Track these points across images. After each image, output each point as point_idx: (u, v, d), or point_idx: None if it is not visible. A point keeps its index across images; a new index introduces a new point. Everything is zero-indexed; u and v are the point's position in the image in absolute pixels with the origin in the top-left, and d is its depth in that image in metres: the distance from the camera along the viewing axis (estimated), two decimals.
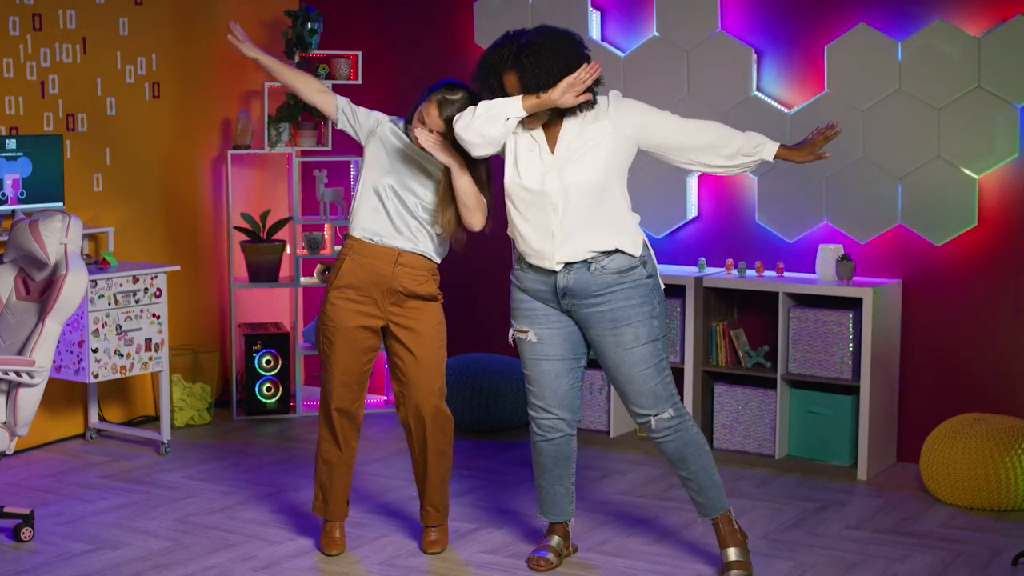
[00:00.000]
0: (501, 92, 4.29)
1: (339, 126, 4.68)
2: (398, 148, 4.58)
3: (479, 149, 4.31)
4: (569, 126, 4.33)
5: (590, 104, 4.31)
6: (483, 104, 4.27)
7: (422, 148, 4.49)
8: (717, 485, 4.47)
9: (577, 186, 4.28)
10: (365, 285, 4.58)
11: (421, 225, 4.59)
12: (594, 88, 4.29)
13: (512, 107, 4.23)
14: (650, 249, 4.43)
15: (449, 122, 4.44)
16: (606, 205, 4.32)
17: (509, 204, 4.42)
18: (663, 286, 4.47)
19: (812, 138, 4.42)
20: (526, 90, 4.22)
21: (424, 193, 4.56)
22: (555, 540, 4.65)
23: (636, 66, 6.30)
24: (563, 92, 4.19)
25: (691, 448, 4.42)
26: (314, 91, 4.66)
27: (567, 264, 4.35)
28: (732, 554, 4.48)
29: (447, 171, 4.51)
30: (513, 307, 4.54)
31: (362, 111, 4.64)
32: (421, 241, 4.60)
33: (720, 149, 4.40)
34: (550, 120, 4.32)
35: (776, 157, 4.42)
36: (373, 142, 4.61)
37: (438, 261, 4.68)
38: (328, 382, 4.66)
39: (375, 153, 4.60)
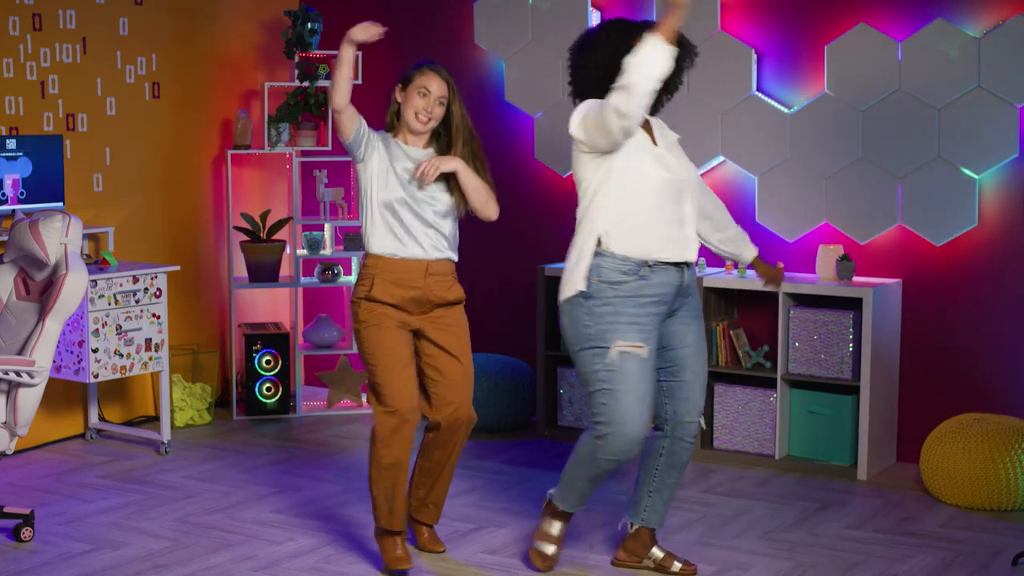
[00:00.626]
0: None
1: (348, 140, 4.51)
2: (398, 160, 4.55)
3: (637, 116, 4.03)
4: (654, 122, 4.38)
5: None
6: (627, 65, 3.98)
7: (420, 182, 4.49)
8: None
9: (691, 177, 4.34)
10: (401, 303, 4.53)
11: (438, 231, 4.57)
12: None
13: (655, 45, 3.96)
14: None
15: (450, 83, 4.48)
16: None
17: (636, 200, 4.19)
18: None
19: (765, 277, 4.61)
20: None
21: (433, 200, 4.55)
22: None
23: None
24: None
25: (686, 461, 4.52)
26: (348, 101, 4.51)
27: None
28: (659, 551, 4.54)
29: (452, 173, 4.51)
30: (620, 322, 4.21)
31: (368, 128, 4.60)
32: (440, 246, 4.58)
33: (718, 227, 4.49)
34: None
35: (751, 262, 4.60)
36: (375, 157, 4.52)
37: (456, 258, 4.66)
38: (389, 383, 4.49)
39: (380, 168, 4.52)
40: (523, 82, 6.64)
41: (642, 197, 4.19)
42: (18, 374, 4.63)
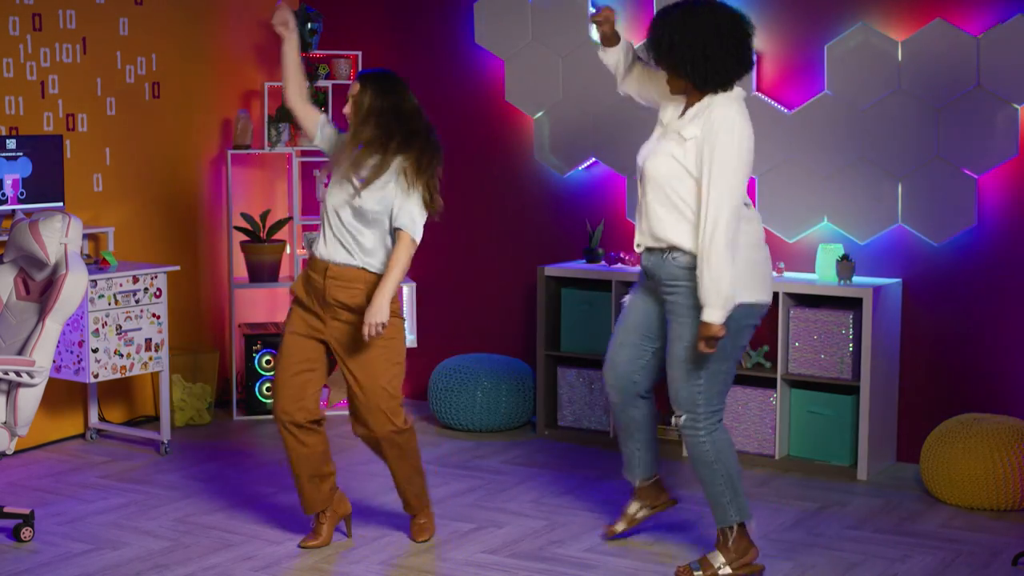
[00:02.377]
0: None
1: (316, 142, 4.72)
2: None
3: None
4: (704, 103, 4.42)
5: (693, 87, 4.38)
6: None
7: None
8: (719, 504, 4.49)
9: (654, 171, 4.42)
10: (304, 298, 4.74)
11: (352, 236, 4.60)
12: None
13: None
14: None
15: (361, 77, 4.62)
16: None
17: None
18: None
19: None
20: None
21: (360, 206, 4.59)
22: (632, 505, 4.85)
23: None
24: None
25: (698, 463, 4.50)
26: (301, 97, 4.72)
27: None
28: (712, 557, 4.51)
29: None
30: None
31: (332, 128, 4.77)
32: (352, 251, 4.60)
33: (700, 252, 4.29)
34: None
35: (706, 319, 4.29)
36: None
37: (372, 268, 4.61)
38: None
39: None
40: (523, 82, 6.64)
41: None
42: (18, 374, 4.62)
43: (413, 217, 4.53)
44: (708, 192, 4.23)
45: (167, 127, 6.79)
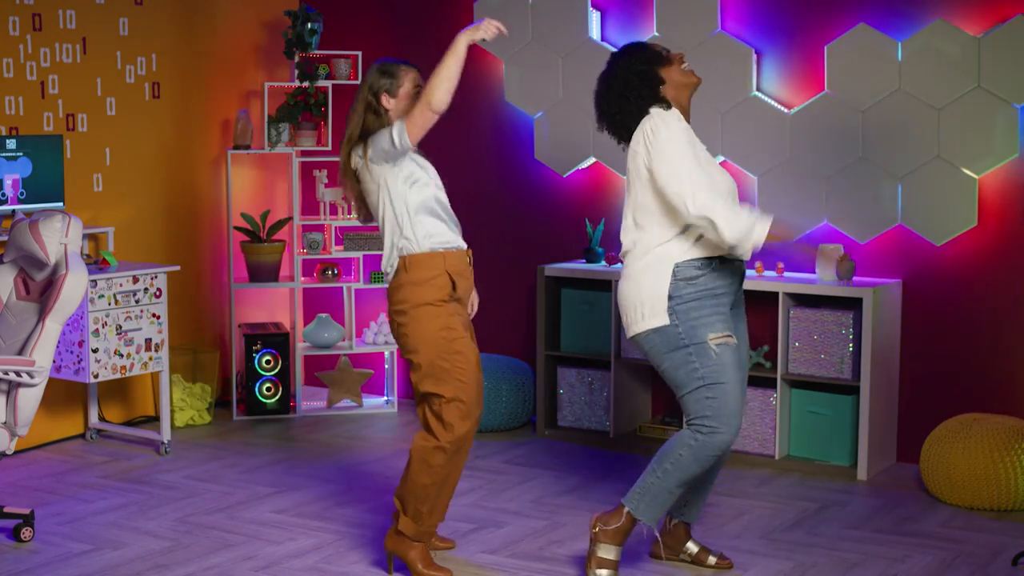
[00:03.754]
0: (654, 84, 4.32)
1: (414, 144, 4.40)
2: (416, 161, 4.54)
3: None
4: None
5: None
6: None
7: None
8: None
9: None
10: (465, 295, 4.53)
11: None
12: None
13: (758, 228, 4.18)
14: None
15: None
16: None
17: (718, 195, 4.22)
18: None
19: None
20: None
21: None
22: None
23: None
24: None
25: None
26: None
27: None
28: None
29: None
30: (705, 316, 4.26)
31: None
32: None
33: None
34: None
35: None
36: (408, 160, 4.45)
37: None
38: (465, 393, 4.39)
39: (410, 169, 4.44)
40: (523, 82, 6.64)
41: (721, 195, 4.36)
42: (18, 374, 4.62)
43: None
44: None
45: (167, 127, 6.79)
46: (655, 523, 4.37)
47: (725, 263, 4.33)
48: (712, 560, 4.60)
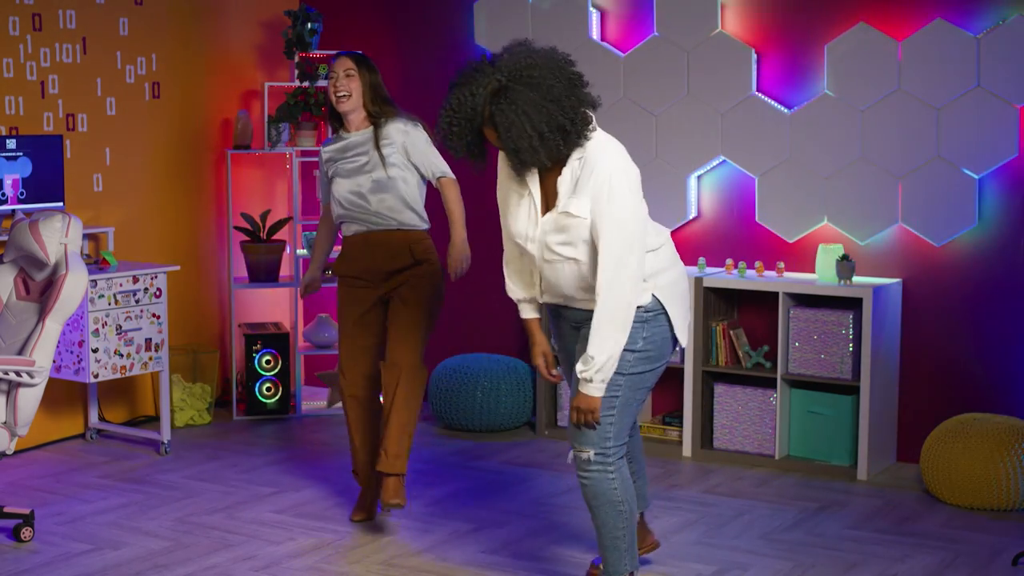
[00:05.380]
0: (479, 144, 3.86)
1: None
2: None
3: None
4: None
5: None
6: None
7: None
8: (616, 550, 4.03)
9: None
10: None
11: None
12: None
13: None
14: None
15: (354, 57, 4.96)
16: None
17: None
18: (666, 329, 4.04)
19: None
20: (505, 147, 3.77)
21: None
22: None
23: (636, 66, 6.30)
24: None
25: (603, 504, 3.99)
26: (329, 234, 5.25)
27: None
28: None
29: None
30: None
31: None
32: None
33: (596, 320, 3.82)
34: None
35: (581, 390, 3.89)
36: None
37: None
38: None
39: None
40: None
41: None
42: (18, 374, 4.63)
43: None
44: (607, 261, 3.77)
45: (167, 127, 6.79)
46: (637, 564, 4.14)
47: None
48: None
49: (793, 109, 6.00)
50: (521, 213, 3.95)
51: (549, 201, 3.91)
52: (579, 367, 3.83)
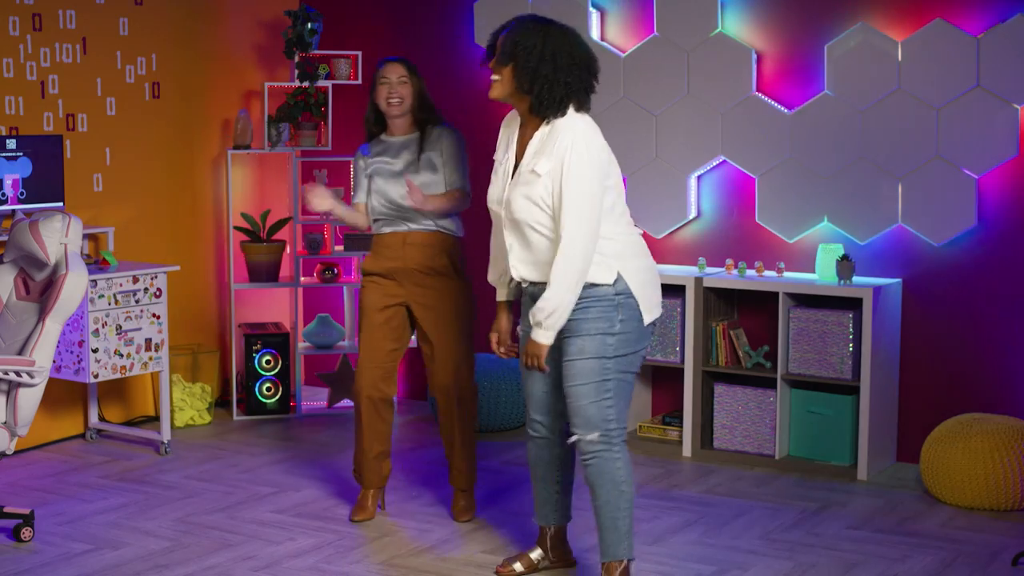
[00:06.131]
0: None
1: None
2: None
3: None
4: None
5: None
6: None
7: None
8: (617, 531, 4.16)
9: None
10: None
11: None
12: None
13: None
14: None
15: (405, 63, 5.03)
16: None
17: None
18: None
19: None
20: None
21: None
22: (536, 551, 4.55)
23: (636, 66, 6.30)
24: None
25: (607, 484, 4.14)
26: (365, 219, 5.21)
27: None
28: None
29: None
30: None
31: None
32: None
33: (553, 274, 4.06)
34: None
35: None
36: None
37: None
38: None
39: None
40: None
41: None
42: (18, 374, 4.63)
43: None
44: (565, 218, 4.01)
45: (167, 127, 6.79)
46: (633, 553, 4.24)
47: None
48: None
49: (793, 109, 6.00)
50: (499, 180, 4.27)
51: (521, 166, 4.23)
52: (532, 311, 4.11)
